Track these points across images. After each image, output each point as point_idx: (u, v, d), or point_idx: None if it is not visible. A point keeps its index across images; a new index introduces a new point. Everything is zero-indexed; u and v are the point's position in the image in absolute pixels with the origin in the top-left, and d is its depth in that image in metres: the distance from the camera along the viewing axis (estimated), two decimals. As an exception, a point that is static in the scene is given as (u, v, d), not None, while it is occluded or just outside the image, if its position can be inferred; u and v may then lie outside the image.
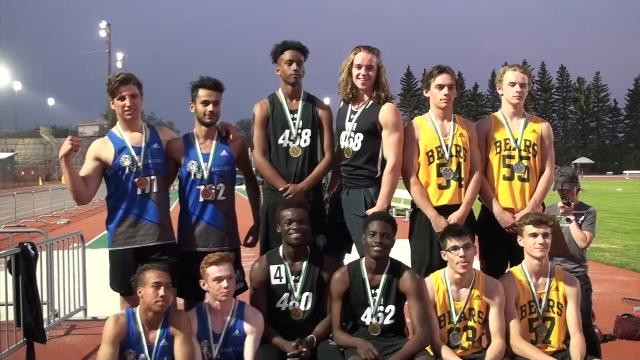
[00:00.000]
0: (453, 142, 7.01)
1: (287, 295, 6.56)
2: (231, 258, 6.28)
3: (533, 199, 7.07)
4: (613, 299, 13.08)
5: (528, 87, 7.22)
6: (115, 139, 6.91)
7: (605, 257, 18.94)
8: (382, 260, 6.39)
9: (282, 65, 7.13)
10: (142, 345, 5.99)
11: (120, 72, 7.29)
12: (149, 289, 5.92)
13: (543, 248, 6.45)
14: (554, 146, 7.45)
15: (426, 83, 7.20)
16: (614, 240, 23.07)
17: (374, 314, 6.41)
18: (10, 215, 29.55)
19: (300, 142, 7.11)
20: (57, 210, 36.98)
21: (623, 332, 10.38)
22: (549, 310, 6.54)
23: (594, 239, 8.73)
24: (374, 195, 6.99)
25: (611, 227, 27.74)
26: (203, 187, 6.91)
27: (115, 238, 6.86)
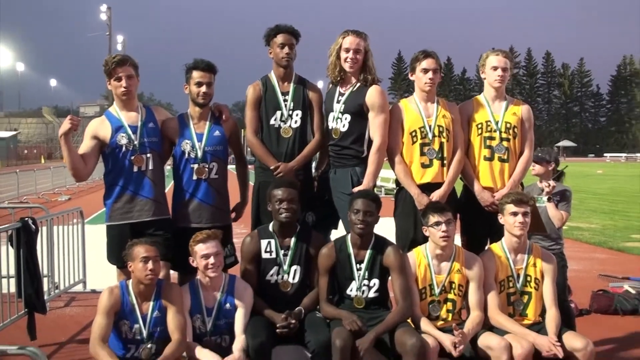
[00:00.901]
0: (436, 123, 7.03)
1: (277, 269, 6.60)
2: (218, 235, 6.30)
3: (512, 178, 7.12)
4: (590, 275, 13.20)
5: (510, 72, 7.24)
6: (112, 118, 6.92)
7: (584, 235, 19.06)
8: (366, 236, 6.44)
9: (274, 49, 7.12)
10: (136, 316, 6.01)
11: (117, 54, 7.27)
12: (139, 263, 5.93)
13: (522, 227, 6.51)
14: (535, 129, 7.47)
15: (412, 67, 7.20)
16: (593, 220, 23.21)
17: (358, 288, 6.46)
18: (13, 192, 29.51)
19: (291, 123, 7.12)
20: (59, 188, 36.93)
21: (598, 307, 10.48)
22: (526, 285, 6.61)
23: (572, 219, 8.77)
24: (360, 174, 7.01)
25: (591, 208, 27.89)
26: (197, 166, 6.93)
27: (112, 213, 6.88)
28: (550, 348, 6.11)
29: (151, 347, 5.97)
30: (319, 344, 6.04)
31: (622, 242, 17.91)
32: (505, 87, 7.29)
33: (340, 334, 5.99)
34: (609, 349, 8.77)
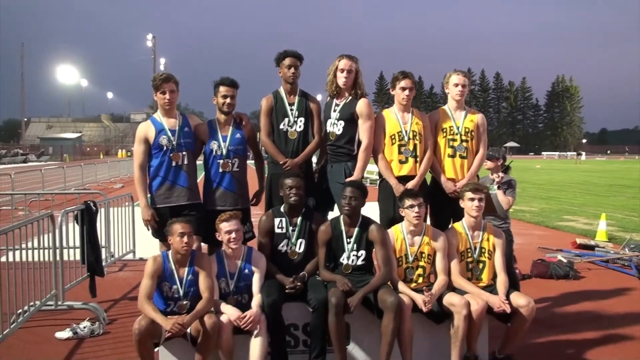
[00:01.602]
0: (411, 129, 7.02)
1: (286, 241, 6.61)
2: (239, 216, 6.29)
3: (470, 171, 7.11)
4: (531, 248, 13.22)
5: (468, 87, 7.23)
6: (156, 123, 6.88)
7: (526, 216, 19.09)
8: (353, 216, 6.43)
9: (282, 69, 7.09)
10: (175, 278, 5.99)
11: (163, 72, 7.26)
12: (176, 238, 5.92)
13: (478, 209, 6.54)
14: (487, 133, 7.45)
15: (392, 84, 7.18)
16: (532, 204, 23.22)
17: (349, 257, 6.46)
18: (78, 181, 29.49)
19: (296, 128, 7.09)
20: (114, 177, 37.03)
21: (537, 273, 10.51)
22: (481, 255, 6.61)
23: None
24: (352, 167, 7.01)
25: (531, 194, 27.92)
26: (222, 161, 6.89)
27: (156, 198, 6.85)
28: (500, 305, 6.13)
29: (186, 303, 5.96)
30: (318, 301, 6.05)
31: (555, 222, 17.94)
32: (464, 100, 7.26)
33: (334, 293, 6.00)
34: (546, 305, 8.82)
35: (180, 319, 5.65)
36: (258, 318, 5.93)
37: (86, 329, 7.41)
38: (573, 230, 16.19)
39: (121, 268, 11.24)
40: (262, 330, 5.94)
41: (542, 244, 13.67)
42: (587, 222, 17.98)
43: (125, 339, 7.06)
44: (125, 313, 8.27)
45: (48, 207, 14.78)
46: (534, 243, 13.94)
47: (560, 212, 20.51)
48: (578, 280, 10.41)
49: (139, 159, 6.87)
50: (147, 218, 6.82)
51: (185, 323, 5.63)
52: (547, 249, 12.90)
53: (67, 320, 7.77)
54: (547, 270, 10.46)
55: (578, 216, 19.51)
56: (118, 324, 7.84)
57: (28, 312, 7.33)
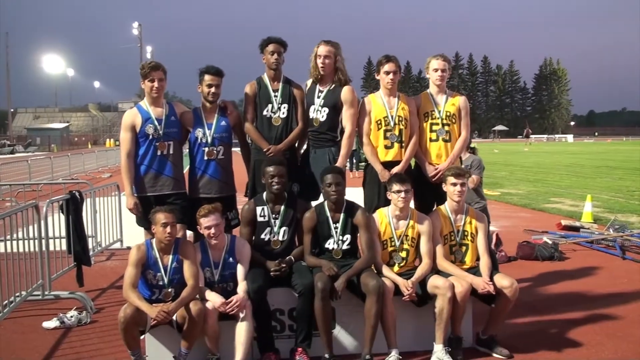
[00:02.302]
0: (397, 114, 7.03)
1: (269, 230, 6.61)
2: (219, 208, 6.27)
3: (452, 154, 7.12)
4: (517, 230, 13.34)
5: (448, 72, 7.23)
6: (142, 111, 6.88)
7: (513, 199, 19.21)
8: (339, 202, 6.47)
9: (266, 55, 7.09)
10: (159, 266, 6.02)
11: (152, 60, 7.24)
12: (159, 227, 5.93)
13: (460, 194, 6.60)
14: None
15: (377, 69, 7.19)
16: (520, 187, 23.34)
17: (335, 242, 6.50)
18: (66, 171, 29.39)
19: (280, 114, 7.09)
20: (102, 167, 36.90)
21: (523, 255, 10.60)
22: (464, 238, 6.67)
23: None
24: (335, 152, 7.06)
25: (518, 177, 28.09)
26: (207, 149, 6.90)
27: (140, 186, 6.86)
28: (484, 286, 6.21)
29: (171, 291, 6.00)
30: (304, 286, 6.09)
31: (542, 204, 18.04)
32: (445, 84, 7.26)
33: (321, 277, 6.05)
34: (531, 286, 8.90)
35: (166, 307, 5.68)
36: (244, 303, 5.97)
37: (73, 318, 7.43)
38: (559, 212, 16.29)
39: (108, 257, 11.26)
40: (248, 316, 5.99)
41: (528, 226, 13.78)
42: (573, 204, 18.09)
43: (112, 327, 7.07)
44: (112, 302, 8.29)
45: (35, 198, 14.77)
46: (520, 225, 14.05)
47: (547, 195, 20.62)
48: (563, 261, 10.49)
49: (126, 146, 6.86)
50: (130, 207, 6.84)
51: (170, 310, 5.67)
52: (532, 231, 12.99)
53: (54, 310, 7.79)
54: (533, 252, 10.54)
55: (564, 198, 19.63)
56: (105, 313, 7.86)
57: (14, 302, 7.35)
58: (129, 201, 6.86)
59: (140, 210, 6.83)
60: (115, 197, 11.94)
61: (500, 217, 15.48)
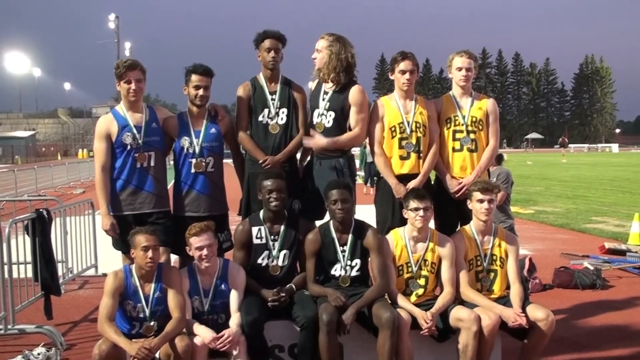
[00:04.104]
0: (414, 119, 7.04)
1: (267, 253, 6.62)
2: (211, 227, 6.27)
3: (478, 166, 7.12)
4: (553, 254, 13.30)
5: (475, 70, 7.24)
6: (119, 117, 6.89)
7: (549, 218, 19.17)
8: (347, 221, 6.48)
9: (262, 52, 7.11)
10: (139, 296, 6.02)
11: (128, 58, 7.25)
12: (140, 252, 5.94)
13: (488, 212, 6.58)
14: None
15: (391, 67, 7.21)
16: (557, 204, 23.32)
17: (343, 267, 6.51)
18: (32, 186, 29.47)
19: (278, 120, 7.12)
20: (74, 182, 36.97)
21: (560, 282, 10.57)
22: (492, 263, 6.67)
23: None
24: (343, 164, 7.05)
25: (555, 193, 28.04)
26: (195, 160, 6.91)
27: (116, 204, 6.87)
28: (515, 319, 6.19)
29: (153, 325, 6.00)
30: (307, 318, 6.08)
31: (583, 224, 18.02)
32: (471, 85, 7.28)
33: (326, 309, 6.04)
34: (569, 318, 8.87)
35: (147, 343, 5.67)
36: (237, 338, 5.98)
37: (40, 355, 7.42)
38: (602, 234, 16.26)
39: (81, 285, 11.27)
40: (242, 353, 5.99)
41: (566, 249, 13.74)
42: (619, 223, 18.06)
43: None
44: (85, 337, 8.27)
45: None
46: (557, 249, 14.01)
47: (588, 213, 20.59)
48: (606, 290, 10.46)
49: (101, 158, 6.88)
50: (106, 228, 6.85)
51: (152, 347, 5.66)
52: (571, 255, 12.96)
53: (19, 346, 7.78)
54: (572, 279, 10.51)
55: (608, 217, 19.60)
56: (77, 350, 7.86)
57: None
58: (104, 221, 6.87)
59: (117, 231, 6.83)
60: (89, 217, 11.97)
61: (534, 238, 15.48)
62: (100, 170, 6.86)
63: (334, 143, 6.99)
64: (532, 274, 10.52)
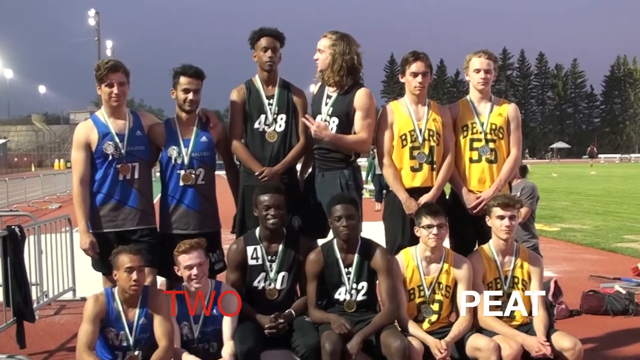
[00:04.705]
0: (426, 127, 7.04)
1: (264, 275, 6.63)
2: (202, 244, 6.29)
3: (498, 178, 7.12)
4: (581, 276, 13.22)
5: (494, 72, 7.25)
6: (99, 124, 6.90)
7: (577, 237, 19.08)
8: (352, 240, 6.50)
9: (258, 52, 7.12)
10: (122, 323, 6.02)
11: (110, 59, 7.24)
12: (123, 273, 5.95)
13: (509, 230, 6.57)
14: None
15: (402, 69, 7.19)
16: (585, 221, 23.23)
17: (348, 291, 6.51)
18: (3, 201, 29.42)
19: (276, 127, 7.13)
20: (49, 196, 36.89)
21: (589, 308, 10.51)
22: (513, 286, 6.67)
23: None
24: (348, 177, 7.04)
25: (584, 209, 27.93)
26: (183, 172, 6.93)
27: (96, 221, 6.88)
28: (539, 348, 6.19)
29: (138, 354, 6.01)
30: (309, 348, 6.09)
31: (614, 243, 17.92)
32: (490, 89, 7.31)
33: (329, 337, 6.04)
34: (598, 348, 8.80)
35: (131, 374, 5.68)
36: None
37: (11, 388, 7.44)
38: (635, 254, 16.14)
39: (58, 311, 11.23)
40: (236, 385, 5.98)
41: (595, 271, 13.65)
42: (655, 242, 17.98)
43: (62, 401, 7.08)
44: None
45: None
46: (586, 270, 13.91)
47: (620, 231, 20.50)
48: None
49: (79, 170, 6.89)
50: (85, 247, 6.85)
51: (137, 379, 5.67)
52: (601, 277, 12.88)
53: (-12, 378, 7.77)
54: (602, 305, 10.46)
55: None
56: (53, 383, 7.84)
57: (-63, 368, 7.35)
58: (82, 239, 6.87)
59: (97, 250, 6.83)
60: (66, 234, 11.94)
61: (559, 259, 15.42)
62: (79, 183, 6.87)
63: (339, 139, 6.98)
64: (558, 298, 10.48)
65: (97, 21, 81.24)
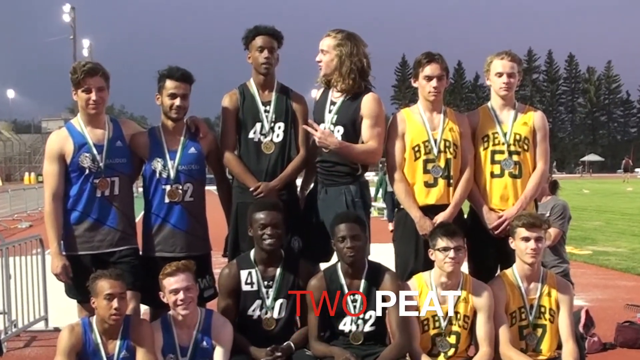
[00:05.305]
0: (442, 137, 7.05)
1: (259, 303, 6.62)
2: (191, 267, 6.27)
3: (523, 195, 7.10)
4: (616, 305, 13.19)
5: (518, 76, 7.23)
6: (75, 133, 6.90)
7: (611, 261, 19.04)
8: (358, 263, 6.49)
9: (253, 52, 7.12)
10: (101, 356, 6.02)
11: (87, 61, 7.25)
12: (102, 301, 5.94)
13: (535, 254, 6.52)
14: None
15: (414, 72, 7.19)
16: (620, 243, 23.18)
17: (354, 321, 6.50)
18: (-34, 219, 29.52)
19: (273, 137, 7.13)
20: (18, 213, 36.91)
21: (624, 340, 10.48)
22: (540, 317, 6.65)
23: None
24: (355, 193, 7.04)
25: (618, 230, 27.88)
26: (169, 187, 6.93)
27: (70, 242, 6.87)
28: (568, 386, 6.17)
29: (119, 391, 6.00)
30: (309, 385, 6.08)
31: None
32: (514, 94, 7.31)
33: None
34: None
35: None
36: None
37: None
38: (677, 281, 16.19)
39: (28, 342, 11.21)
40: None
41: (631, 299, 13.59)
42: (699, 267, 17.95)
43: None
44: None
45: None
46: (620, 299, 13.88)
47: (660, 254, 20.47)
48: (683, 350, 10.41)
49: (52, 184, 6.88)
50: (57, 271, 6.82)
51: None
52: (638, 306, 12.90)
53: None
54: (638, 337, 10.46)
55: (686, 260, 19.47)
56: None
57: None
58: (54, 263, 6.85)
59: (70, 275, 6.81)
60: (37, 257, 11.94)
61: (591, 286, 15.39)
62: (51, 199, 6.86)
63: (346, 148, 6.97)
64: (590, 329, 10.47)
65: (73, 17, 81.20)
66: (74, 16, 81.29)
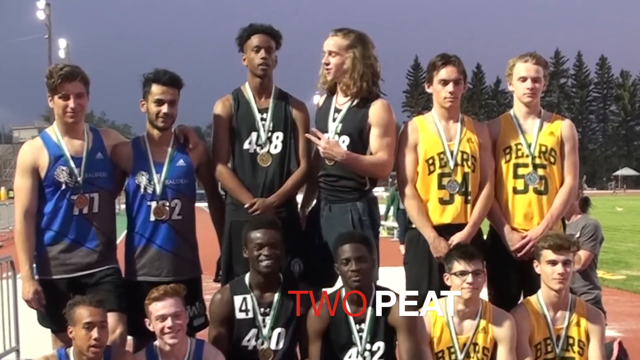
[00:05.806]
0: (459, 149, 7.04)
1: (255, 332, 6.59)
2: (180, 292, 6.24)
3: (549, 213, 7.07)
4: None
5: (544, 81, 7.22)
6: (50, 144, 6.85)
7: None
8: (365, 289, 6.47)
9: (248, 53, 7.11)
10: (78, 392, 6.01)
11: (65, 64, 7.20)
12: (80, 330, 5.89)
13: (563, 279, 6.51)
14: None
15: (429, 76, 7.18)
16: (656, 266, 23.21)
17: (360, 353, 6.48)
18: None
19: (271, 148, 7.11)
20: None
21: (661, 375, 10.51)
22: (568, 349, 6.65)
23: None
24: (362, 210, 7.01)
25: (654, 251, 27.89)
26: (155, 204, 6.92)
27: (44, 264, 6.84)
28: None
29: None
30: (312, 423, 6.08)
31: (692, 294, 17.93)
32: (539, 101, 7.32)
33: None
34: None
35: None
36: None
37: None
38: None
39: (-3, 376, 11.26)
40: None
41: (668, 329, 13.70)
42: None
43: None
44: None
45: None
46: (659, 330, 13.95)
47: (700, 279, 20.46)
48: None
49: (24, 201, 6.85)
50: (28, 297, 6.75)
51: None
52: (677, 338, 12.93)
53: None
54: (676, 371, 10.49)
55: None
56: None
57: None
58: (25, 288, 6.78)
59: (43, 302, 6.75)
60: (8, 280, 11.95)
61: (625, 314, 15.36)
62: (23, 217, 6.83)
63: (353, 159, 6.93)
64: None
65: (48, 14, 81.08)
66: (49, 13, 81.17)
